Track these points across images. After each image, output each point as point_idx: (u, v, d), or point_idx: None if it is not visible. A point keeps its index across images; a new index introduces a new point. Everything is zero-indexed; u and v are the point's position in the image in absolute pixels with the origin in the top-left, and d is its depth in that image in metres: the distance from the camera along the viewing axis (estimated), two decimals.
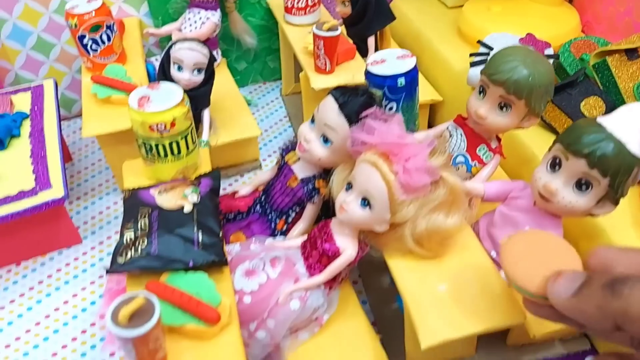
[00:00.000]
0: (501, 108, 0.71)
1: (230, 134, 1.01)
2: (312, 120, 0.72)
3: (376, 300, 0.83)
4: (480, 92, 0.73)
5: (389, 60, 0.76)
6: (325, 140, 0.70)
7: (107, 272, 0.61)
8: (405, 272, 0.64)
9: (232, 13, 1.18)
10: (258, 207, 0.79)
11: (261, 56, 1.31)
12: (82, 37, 0.95)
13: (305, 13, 1.11)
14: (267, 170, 0.83)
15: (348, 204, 0.63)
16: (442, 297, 0.61)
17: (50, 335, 0.81)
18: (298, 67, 1.23)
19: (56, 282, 0.89)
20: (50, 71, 1.17)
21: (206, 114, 0.97)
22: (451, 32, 1.15)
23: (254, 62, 1.31)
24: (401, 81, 0.74)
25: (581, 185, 0.61)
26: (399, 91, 0.75)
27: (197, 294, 0.59)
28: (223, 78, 1.14)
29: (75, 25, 0.94)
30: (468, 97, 1.01)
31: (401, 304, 0.75)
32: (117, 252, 0.63)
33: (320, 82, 0.95)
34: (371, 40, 1.04)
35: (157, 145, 0.72)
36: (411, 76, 0.75)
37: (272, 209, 0.78)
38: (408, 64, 0.76)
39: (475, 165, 0.76)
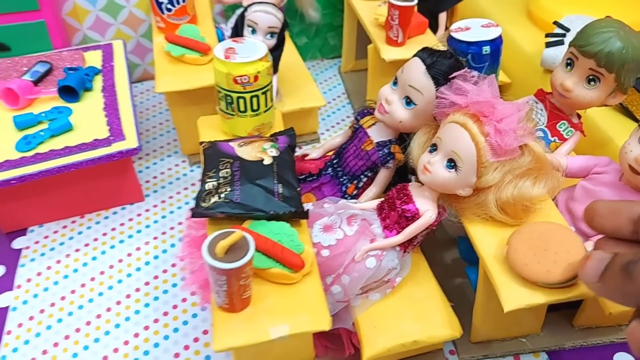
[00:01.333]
0: (589, 82, 0.70)
1: (295, 102, 1.01)
2: (394, 82, 0.71)
3: (439, 276, 0.82)
4: (567, 65, 0.71)
5: (474, 28, 0.75)
6: (408, 102, 0.69)
7: (192, 215, 0.61)
8: (486, 237, 0.63)
9: None
10: (330, 169, 0.79)
11: (322, 32, 1.30)
12: None
13: None
14: (338, 135, 0.82)
15: (432, 165, 0.62)
16: None
17: (114, 284, 0.82)
18: (360, 44, 1.23)
19: (120, 235, 0.90)
20: (116, 33, 1.19)
21: (274, 79, 0.97)
22: (520, 14, 1.13)
23: (315, 37, 1.31)
24: (486, 49, 0.73)
25: None
26: (483, 59, 0.74)
27: (279, 242, 0.59)
28: (287, 49, 1.14)
29: None
30: (537, 79, 1.00)
31: (472, 277, 0.74)
32: (200, 198, 0.63)
33: (392, 53, 0.95)
34: (442, 17, 1.03)
35: (238, 99, 0.72)
36: (496, 45, 0.74)
37: (344, 172, 0.77)
38: (493, 32, 0.74)
39: (554, 140, 0.75)
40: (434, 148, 0.63)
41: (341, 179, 0.77)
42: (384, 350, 0.63)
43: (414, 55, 0.69)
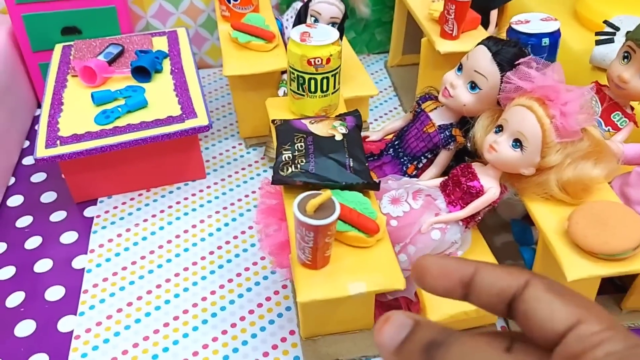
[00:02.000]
0: None
1: (350, 90, 1.05)
2: (459, 69, 0.75)
3: None
4: (624, 58, 0.75)
5: (533, 21, 0.79)
6: (473, 87, 0.73)
7: (272, 182, 0.66)
8: (546, 214, 0.67)
9: None
10: (391, 150, 0.83)
11: (370, 28, 1.35)
12: None
13: None
14: (397, 119, 0.87)
15: (499, 144, 0.66)
16: None
17: (181, 252, 0.88)
18: (407, 40, 1.27)
19: (184, 208, 0.95)
20: (177, 22, 1.25)
21: None
22: (567, 14, 1.17)
23: (363, 33, 1.36)
24: (545, 41, 0.77)
25: None
26: (541, 51, 0.78)
27: (354, 209, 0.63)
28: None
29: None
30: (584, 76, 1.03)
31: (526, 256, 0.78)
32: (277, 167, 0.68)
33: (446, 46, 0.99)
34: (494, 14, 1.07)
35: (309, 80, 0.77)
36: (555, 38, 0.78)
37: (405, 153, 0.82)
38: (552, 25, 0.78)
39: (608, 130, 0.78)
40: (499, 129, 0.67)
41: (402, 160, 0.82)
42: (446, 316, 0.67)
43: (479, 44, 0.73)
